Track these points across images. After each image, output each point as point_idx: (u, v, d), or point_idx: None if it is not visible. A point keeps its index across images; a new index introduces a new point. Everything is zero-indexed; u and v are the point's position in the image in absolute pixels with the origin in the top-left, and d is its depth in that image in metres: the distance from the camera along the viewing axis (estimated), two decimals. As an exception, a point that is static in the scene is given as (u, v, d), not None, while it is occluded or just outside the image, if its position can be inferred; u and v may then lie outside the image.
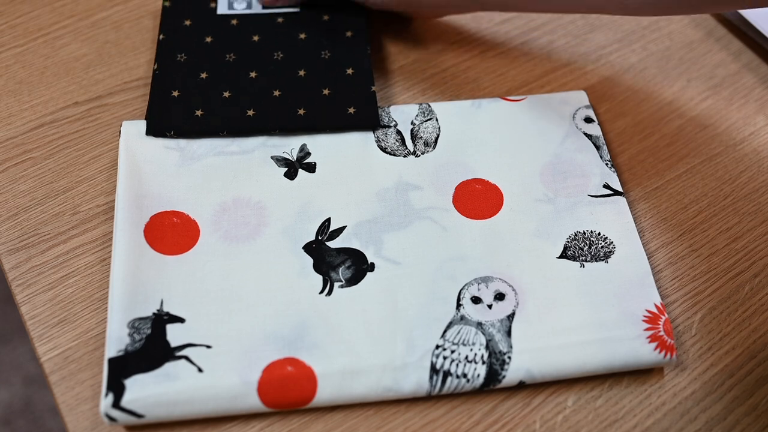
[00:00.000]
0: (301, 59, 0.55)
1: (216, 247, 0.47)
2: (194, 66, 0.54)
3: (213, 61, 0.54)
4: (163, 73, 0.54)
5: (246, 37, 0.56)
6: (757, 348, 0.46)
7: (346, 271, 0.47)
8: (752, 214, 0.52)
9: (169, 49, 0.55)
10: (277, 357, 0.43)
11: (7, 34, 0.59)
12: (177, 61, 0.54)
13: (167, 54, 0.55)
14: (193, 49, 0.55)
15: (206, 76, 0.54)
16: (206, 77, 0.54)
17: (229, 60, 0.55)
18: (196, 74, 0.54)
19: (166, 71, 0.54)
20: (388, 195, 0.50)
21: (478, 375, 0.43)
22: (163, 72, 0.54)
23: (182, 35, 0.56)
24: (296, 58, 0.55)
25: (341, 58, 0.55)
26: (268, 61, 0.55)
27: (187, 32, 0.56)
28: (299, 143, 0.52)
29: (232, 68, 0.54)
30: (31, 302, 0.46)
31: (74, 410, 0.43)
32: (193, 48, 0.55)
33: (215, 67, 0.54)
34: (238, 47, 0.55)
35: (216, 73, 0.54)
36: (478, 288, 0.46)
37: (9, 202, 0.50)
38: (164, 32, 0.56)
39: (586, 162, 0.52)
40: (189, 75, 0.54)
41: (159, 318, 0.44)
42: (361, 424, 0.43)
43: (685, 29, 0.62)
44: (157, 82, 0.53)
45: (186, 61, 0.54)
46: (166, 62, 0.54)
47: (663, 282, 0.49)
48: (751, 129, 0.56)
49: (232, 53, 0.55)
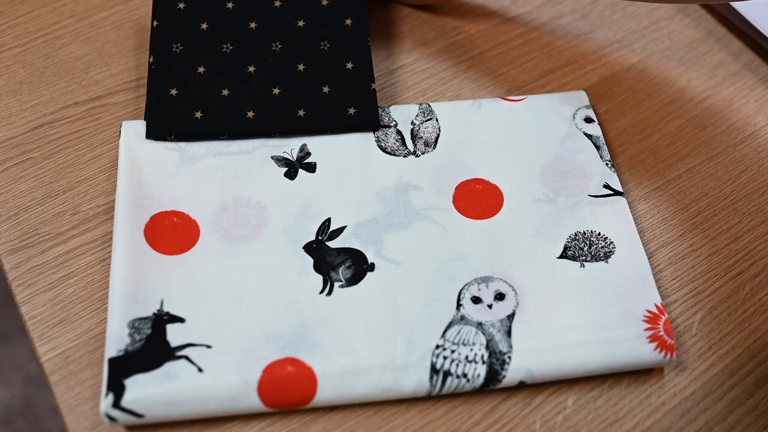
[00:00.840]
0: (300, 51, 0.54)
1: (216, 247, 0.47)
2: (191, 58, 0.53)
3: (210, 53, 0.54)
4: (159, 67, 0.53)
5: (243, 23, 0.55)
6: (757, 348, 0.46)
7: (346, 271, 0.47)
8: (752, 214, 0.52)
9: (164, 38, 0.54)
10: (278, 357, 0.43)
11: (7, 34, 0.59)
12: (173, 53, 0.53)
13: (162, 44, 0.54)
14: (188, 39, 0.54)
15: (204, 70, 0.53)
16: (204, 72, 0.53)
17: (226, 51, 0.54)
18: (193, 68, 0.53)
19: (162, 65, 0.53)
20: (389, 195, 0.50)
21: (479, 375, 0.43)
22: (160, 66, 0.53)
23: (177, 21, 0.55)
24: (295, 50, 0.54)
25: (341, 51, 0.54)
26: (266, 54, 0.54)
27: (182, 17, 0.55)
28: (299, 143, 0.52)
29: (230, 61, 0.54)
30: (31, 302, 0.46)
31: (74, 410, 0.43)
32: (189, 37, 0.54)
33: (213, 59, 0.53)
34: (235, 36, 0.54)
35: (214, 67, 0.53)
36: (478, 288, 0.46)
37: (9, 202, 0.50)
38: (158, 18, 0.55)
39: (586, 162, 0.52)
40: (186, 69, 0.53)
41: (159, 318, 0.44)
42: (361, 424, 0.43)
43: (685, 29, 0.62)
44: (155, 78, 0.52)
45: (182, 52, 0.54)
46: (162, 54, 0.53)
47: (663, 282, 0.49)
48: (751, 129, 0.56)
49: (229, 43, 0.54)
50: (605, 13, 0.63)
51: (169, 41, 0.54)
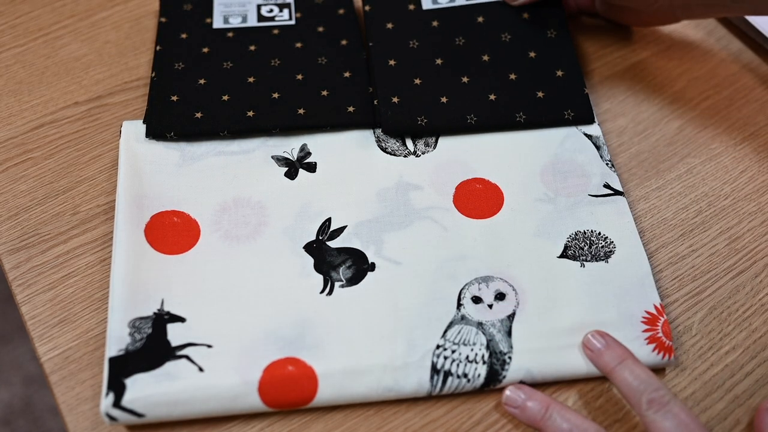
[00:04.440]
0: (299, 64, 0.55)
1: (216, 247, 0.47)
2: (192, 73, 0.54)
3: (211, 69, 0.55)
4: (160, 79, 0.54)
5: (243, 47, 0.56)
6: (757, 348, 0.46)
7: (346, 270, 0.47)
8: (752, 214, 0.52)
9: (167, 58, 0.55)
10: (278, 357, 0.43)
11: (7, 34, 0.59)
12: (175, 69, 0.54)
13: (165, 62, 0.55)
14: (190, 59, 0.55)
15: (204, 82, 0.54)
16: (205, 83, 0.54)
17: (226, 68, 0.55)
18: (194, 80, 0.54)
19: (164, 78, 0.54)
20: (389, 195, 0.50)
21: (479, 375, 0.43)
22: (161, 79, 0.54)
23: (179, 47, 0.56)
24: (294, 63, 0.55)
25: (339, 64, 0.55)
26: (265, 67, 0.55)
27: (184, 44, 0.56)
28: (300, 143, 0.52)
29: (230, 75, 0.54)
30: (32, 302, 0.46)
31: (74, 410, 0.43)
32: (191, 57, 0.55)
33: (213, 74, 0.54)
34: (235, 56, 0.56)
35: (214, 79, 0.54)
36: (478, 288, 0.46)
37: (9, 202, 0.50)
38: (161, 44, 0.56)
39: (586, 162, 0.52)
40: (187, 81, 0.54)
41: (159, 317, 0.44)
42: (361, 424, 0.43)
43: (685, 29, 0.62)
44: (156, 88, 0.53)
45: (184, 69, 0.54)
46: (163, 70, 0.54)
47: (663, 282, 0.49)
48: (751, 129, 0.56)
49: (230, 61, 0.55)
50: (605, 13, 0.63)
51: (172, 61, 0.55)
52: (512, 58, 0.56)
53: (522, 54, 0.56)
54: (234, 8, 0.59)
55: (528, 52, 0.56)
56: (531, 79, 0.55)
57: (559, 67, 0.55)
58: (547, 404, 0.42)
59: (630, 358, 0.42)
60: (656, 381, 0.41)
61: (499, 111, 0.53)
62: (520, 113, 0.53)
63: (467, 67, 0.55)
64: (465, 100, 0.53)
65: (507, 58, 0.56)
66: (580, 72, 0.55)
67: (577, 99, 0.54)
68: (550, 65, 0.55)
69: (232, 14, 0.58)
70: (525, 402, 0.42)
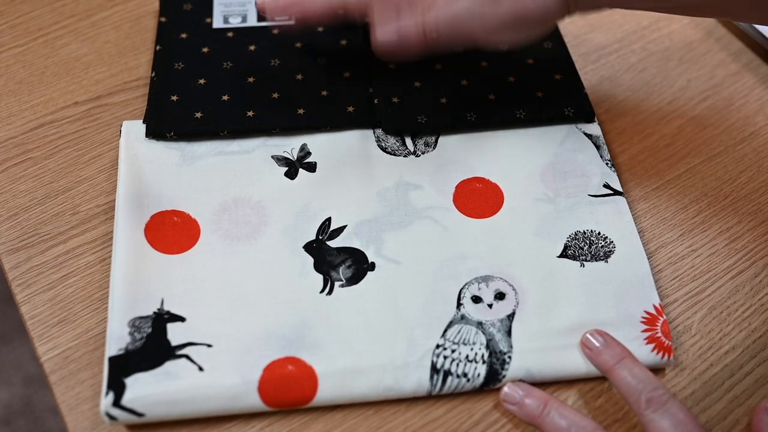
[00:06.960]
0: (299, 64, 0.55)
1: (216, 247, 0.47)
2: (192, 73, 0.54)
3: (211, 69, 0.55)
4: (160, 79, 0.54)
5: (242, 46, 0.56)
6: (756, 348, 0.46)
7: (346, 270, 0.47)
8: (752, 214, 0.52)
9: (167, 58, 0.55)
10: (278, 356, 0.43)
11: (7, 34, 0.59)
12: (175, 69, 0.55)
13: (164, 62, 0.55)
14: (190, 58, 0.55)
15: (204, 82, 0.54)
16: (204, 83, 0.54)
17: (226, 67, 0.55)
18: (194, 80, 0.54)
19: (163, 78, 0.54)
20: (389, 194, 0.50)
21: (479, 374, 0.43)
22: (161, 79, 0.54)
23: (179, 46, 0.56)
24: (294, 63, 0.55)
25: (339, 64, 0.56)
26: (265, 67, 0.55)
27: (184, 44, 0.56)
28: (299, 143, 0.52)
29: (230, 75, 0.54)
30: (31, 302, 0.46)
31: (74, 410, 0.43)
32: (191, 57, 0.55)
33: (213, 74, 0.54)
34: (235, 56, 0.56)
35: (214, 79, 0.54)
36: (478, 287, 0.46)
37: (9, 202, 0.50)
38: (161, 44, 0.56)
39: (586, 162, 0.52)
40: (187, 81, 0.54)
41: (159, 317, 0.44)
42: (361, 423, 0.43)
43: (685, 29, 0.62)
44: (156, 87, 0.53)
45: (183, 69, 0.55)
46: (163, 70, 0.54)
47: (663, 282, 0.49)
48: (751, 129, 0.56)
49: (229, 61, 0.55)
50: (605, 13, 0.63)
51: (171, 61, 0.55)
52: (510, 64, 0.56)
53: (520, 61, 0.57)
54: (234, 8, 0.59)
55: (526, 59, 0.57)
56: (530, 81, 0.55)
57: (557, 71, 0.56)
58: (545, 401, 0.42)
59: (629, 357, 0.42)
60: (655, 380, 0.41)
61: (499, 109, 0.53)
62: (520, 110, 0.53)
63: (466, 71, 0.56)
64: (465, 99, 0.54)
65: (505, 64, 0.56)
66: (578, 76, 0.56)
67: (577, 97, 0.54)
68: (548, 70, 0.56)
69: (232, 14, 0.58)
70: (523, 399, 0.42)
